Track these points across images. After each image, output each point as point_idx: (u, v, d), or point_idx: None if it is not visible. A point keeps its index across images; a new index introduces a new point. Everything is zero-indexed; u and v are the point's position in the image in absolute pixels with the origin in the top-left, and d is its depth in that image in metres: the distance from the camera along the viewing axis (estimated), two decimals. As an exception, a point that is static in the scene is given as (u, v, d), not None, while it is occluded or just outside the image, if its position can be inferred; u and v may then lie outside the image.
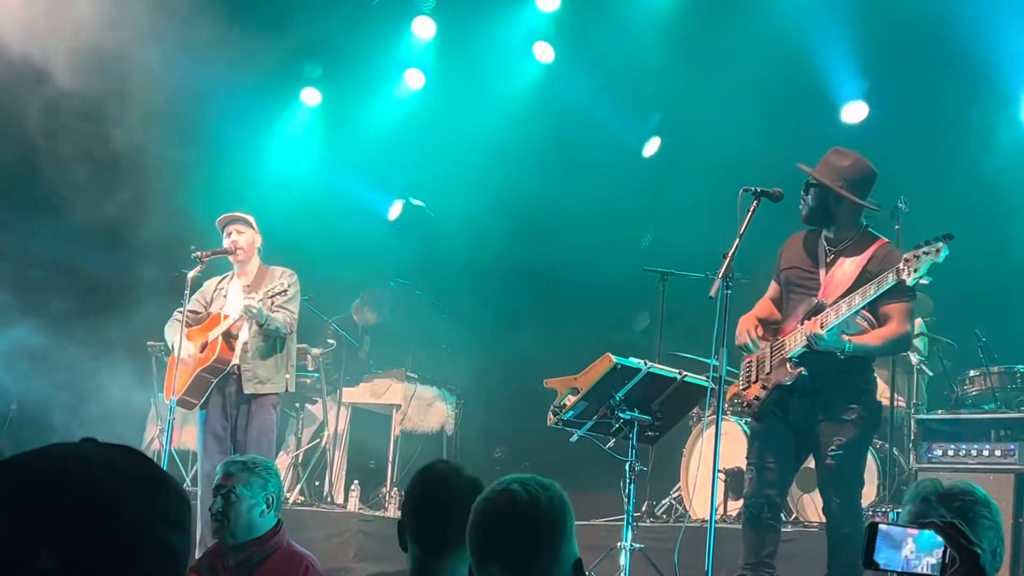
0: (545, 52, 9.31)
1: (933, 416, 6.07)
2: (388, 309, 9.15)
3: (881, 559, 1.89)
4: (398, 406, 8.49)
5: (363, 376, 8.79)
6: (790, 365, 4.64)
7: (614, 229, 9.14)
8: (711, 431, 5.25)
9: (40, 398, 7.83)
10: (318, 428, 8.73)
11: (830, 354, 4.52)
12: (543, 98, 9.35)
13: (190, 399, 6.34)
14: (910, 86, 8.01)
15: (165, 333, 6.65)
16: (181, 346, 6.29)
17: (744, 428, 6.54)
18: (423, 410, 8.55)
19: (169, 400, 6.15)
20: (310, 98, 9.92)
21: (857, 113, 8.35)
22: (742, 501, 5.21)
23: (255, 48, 8.19)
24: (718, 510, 6.12)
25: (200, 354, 6.34)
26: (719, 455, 4.59)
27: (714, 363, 4.60)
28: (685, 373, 5.23)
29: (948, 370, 6.72)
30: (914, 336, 6.22)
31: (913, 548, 1.87)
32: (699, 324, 5.36)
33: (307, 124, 10.06)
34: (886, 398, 6.17)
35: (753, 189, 4.60)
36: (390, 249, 9.62)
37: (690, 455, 6.96)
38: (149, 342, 7.95)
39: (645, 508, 7.01)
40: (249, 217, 6.59)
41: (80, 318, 8.20)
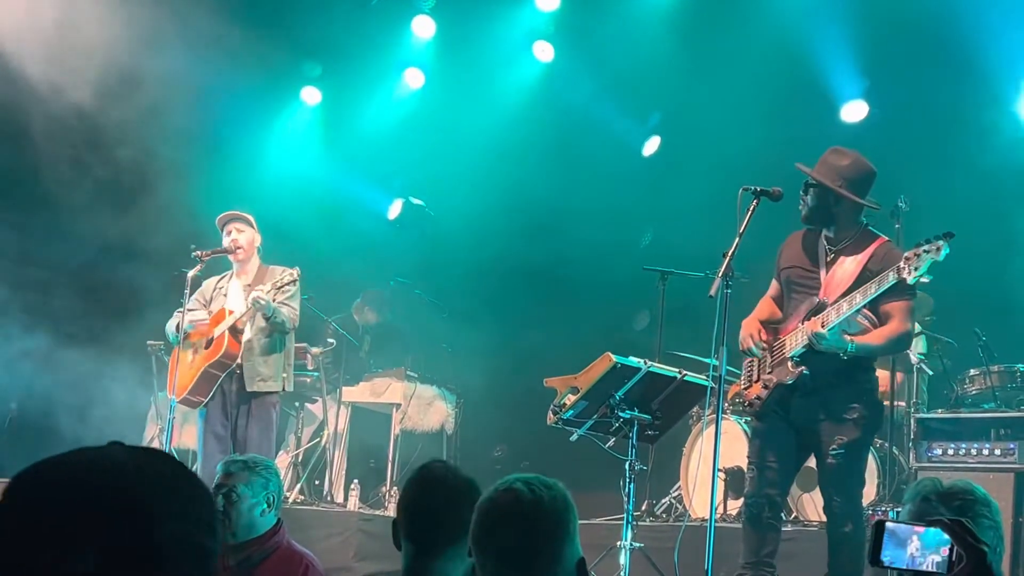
0: (545, 51, 9.31)
1: (933, 415, 6.06)
2: (388, 309, 9.15)
3: (887, 557, 1.89)
4: (398, 405, 8.49)
5: (363, 375, 8.78)
6: (791, 364, 4.64)
7: (614, 228, 9.13)
8: (711, 430, 5.25)
9: (42, 398, 7.83)
10: (318, 427, 8.72)
11: (832, 353, 4.53)
12: (543, 97, 9.35)
13: (196, 397, 6.34)
14: (910, 85, 8.00)
15: (167, 332, 6.65)
16: (182, 347, 6.30)
17: (744, 427, 6.54)
18: (423, 409, 8.55)
19: (171, 398, 6.15)
20: (310, 97, 9.92)
21: (857, 112, 8.35)
22: (742, 500, 5.21)
23: (255, 47, 8.20)
24: (718, 509, 6.12)
25: (206, 350, 6.34)
26: (719, 454, 4.59)
27: (714, 362, 4.60)
28: (685, 372, 5.23)
29: (948, 369, 6.71)
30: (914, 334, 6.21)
31: (919, 546, 1.87)
32: (699, 323, 5.36)
33: (307, 123, 10.06)
34: (891, 400, 6.17)
35: (753, 188, 4.60)
36: (390, 248, 9.62)
37: (690, 454, 6.96)
38: (149, 341, 7.95)
39: (645, 507, 7.00)
40: (249, 216, 6.60)
41: (81, 318, 8.20)
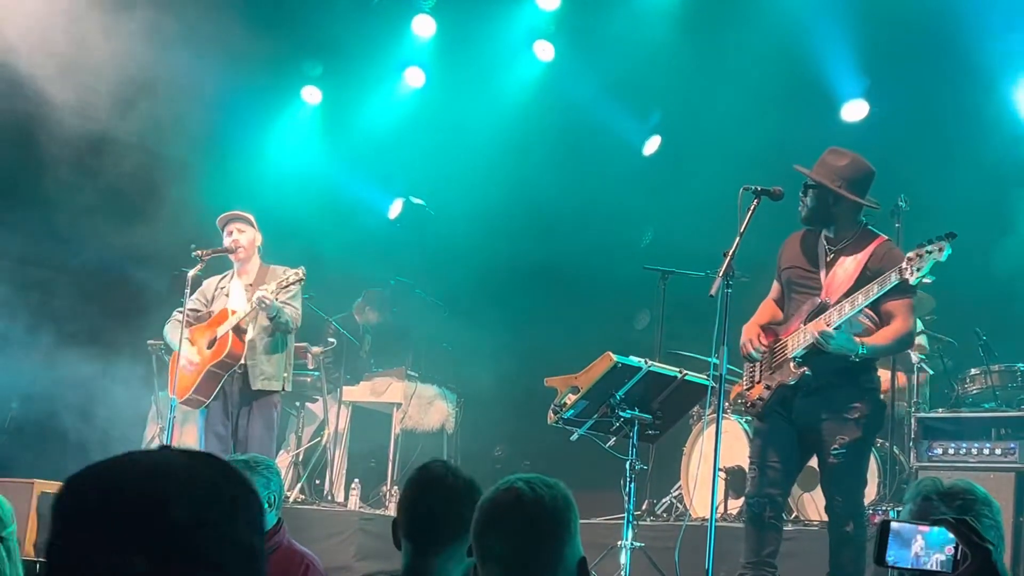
0: (545, 51, 9.30)
1: (934, 415, 6.06)
2: (389, 308, 9.15)
3: (891, 557, 1.89)
4: (398, 405, 8.48)
5: (363, 375, 8.78)
6: (793, 365, 4.63)
7: (615, 227, 9.13)
8: (711, 430, 5.25)
9: (43, 398, 7.83)
10: (318, 427, 8.72)
11: (835, 354, 4.52)
12: (543, 97, 9.34)
13: (199, 397, 6.34)
14: (910, 84, 8.00)
15: (165, 333, 6.64)
16: (182, 347, 6.29)
17: (745, 427, 6.54)
18: (423, 409, 8.55)
19: (172, 397, 6.15)
20: (310, 96, 9.90)
21: (857, 111, 8.34)
22: (743, 500, 5.20)
23: (255, 46, 8.19)
24: (718, 509, 6.11)
25: (208, 351, 6.34)
26: (719, 453, 4.59)
27: (715, 361, 4.61)
28: (686, 372, 5.24)
29: (949, 368, 6.71)
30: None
31: (923, 545, 1.87)
32: (700, 323, 5.36)
33: (307, 122, 10.05)
34: (892, 399, 6.17)
35: (753, 188, 4.60)
36: (390, 248, 9.62)
37: (690, 454, 6.95)
38: (149, 341, 7.95)
39: (645, 507, 7.01)
40: (249, 216, 6.60)
41: (82, 318, 8.20)
